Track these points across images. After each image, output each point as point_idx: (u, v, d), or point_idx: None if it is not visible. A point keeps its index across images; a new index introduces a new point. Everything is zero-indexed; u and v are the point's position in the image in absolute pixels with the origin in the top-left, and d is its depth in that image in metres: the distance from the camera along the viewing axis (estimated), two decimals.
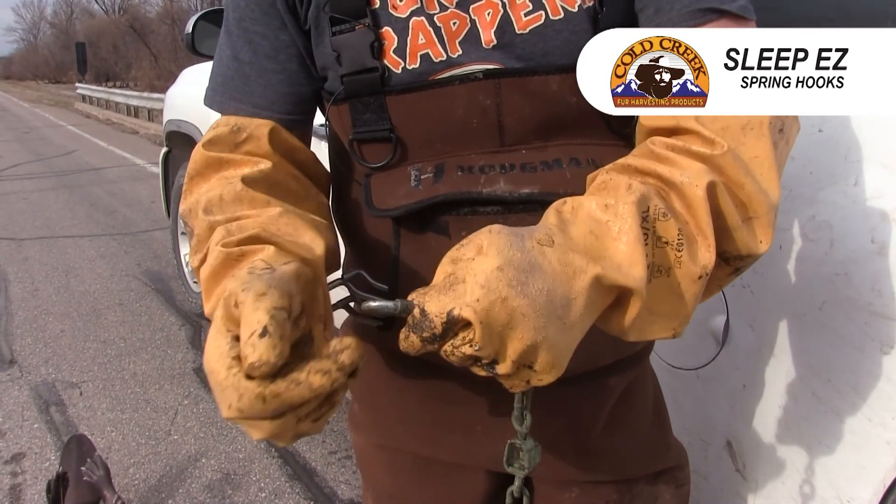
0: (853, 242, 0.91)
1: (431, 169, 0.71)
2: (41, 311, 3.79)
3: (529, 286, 0.50)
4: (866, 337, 0.88)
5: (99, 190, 7.57)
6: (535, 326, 0.51)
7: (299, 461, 2.35)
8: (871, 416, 0.88)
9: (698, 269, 0.57)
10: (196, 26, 2.50)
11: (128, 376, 2.99)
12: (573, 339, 0.54)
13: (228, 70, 0.76)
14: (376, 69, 0.70)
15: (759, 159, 0.60)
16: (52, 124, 17.30)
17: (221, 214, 0.67)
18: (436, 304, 0.51)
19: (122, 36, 40.91)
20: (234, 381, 0.49)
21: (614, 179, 0.58)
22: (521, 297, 0.50)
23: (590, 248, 0.55)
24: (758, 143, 0.60)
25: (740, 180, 0.59)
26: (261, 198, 0.69)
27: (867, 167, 0.93)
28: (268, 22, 0.74)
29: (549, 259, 0.53)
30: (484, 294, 0.50)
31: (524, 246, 0.52)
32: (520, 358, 0.52)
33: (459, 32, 0.69)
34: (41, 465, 2.32)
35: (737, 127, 0.60)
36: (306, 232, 0.66)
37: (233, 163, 0.72)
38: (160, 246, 5.08)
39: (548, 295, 0.51)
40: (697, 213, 0.57)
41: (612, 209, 0.55)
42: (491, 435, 0.82)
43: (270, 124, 0.74)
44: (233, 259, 0.61)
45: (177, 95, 3.63)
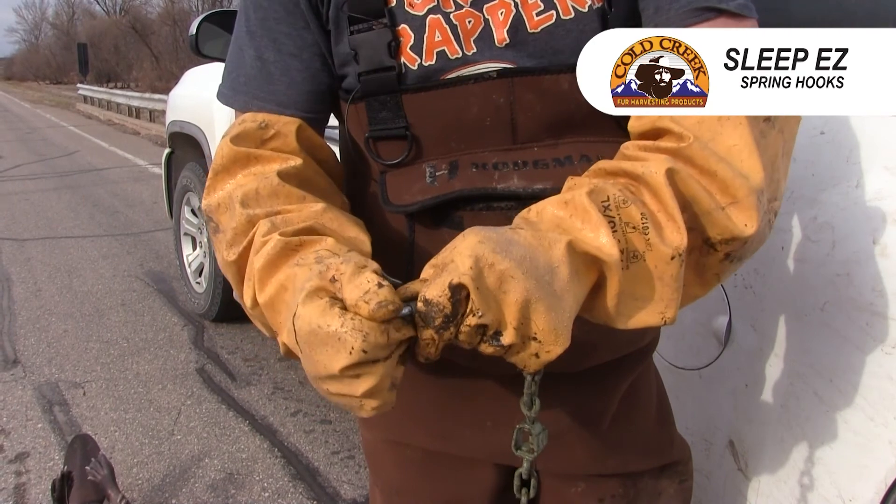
0: (855, 243, 0.91)
1: (446, 166, 0.72)
2: (44, 311, 3.79)
3: (512, 252, 0.54)
4: (868, 337, 0.89)
5: (101, 190, 7.58)
6: (526, 287, 0.54)
7: (302, 461, 2.35)
8: (873, 415, 0.89)
9: (670, 249, 0.58)
10: (200, 28, 2.50)
11: (131, 376, 3.00)
12: (568, 306, 0.57)
13: (251, 69, 0.77)
14: (393, 68, 0.71)
15: (737, 147, 0.61)
16: (53, 125, 17.31)
17: (260, 208, 0.69)
18: (435, 288, 0.54)
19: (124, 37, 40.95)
20: (354, 323, 0.53)
21: (578, 182, 0.62)
22: (507, 261, 0.54)
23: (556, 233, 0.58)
24: (735, 131, 0.61)
25: (711, 168, 0.60)
26: (296, 193, 0.70)
27: (869, 169, 0.93)
28: (292, 21, 0.75)
29: (522, 236, 0.57)
30: (473, 261, 0.53)
31: (498, 230, 0.56)
32: (519, 322, 0.55)
33: (474, 31, 0.70)
34: (45, 464, 2.33)
35: (713, 119, 0.61)
36: (351, 227, 0.69)
37: (261, 158, 0.73)
38: (162, 246, 5.09)
39: (531, 261, 0.55)
40: (662, 198, 0.59)
41: (570, 204, 0.59)
42: (500, 429, 0.83)
43: (297, 121, 0.75)
44: (291, 248, 0.63)
45: (179, 97, 3.64)
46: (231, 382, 2.95)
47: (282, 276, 0.62)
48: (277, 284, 0.62)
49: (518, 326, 0.55)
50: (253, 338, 3.37)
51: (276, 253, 0.63)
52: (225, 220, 0.70)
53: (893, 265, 0.87)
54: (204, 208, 0.74)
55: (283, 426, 2.59)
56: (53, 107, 25.60)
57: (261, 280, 0.64)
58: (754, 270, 1.05)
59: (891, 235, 0.88)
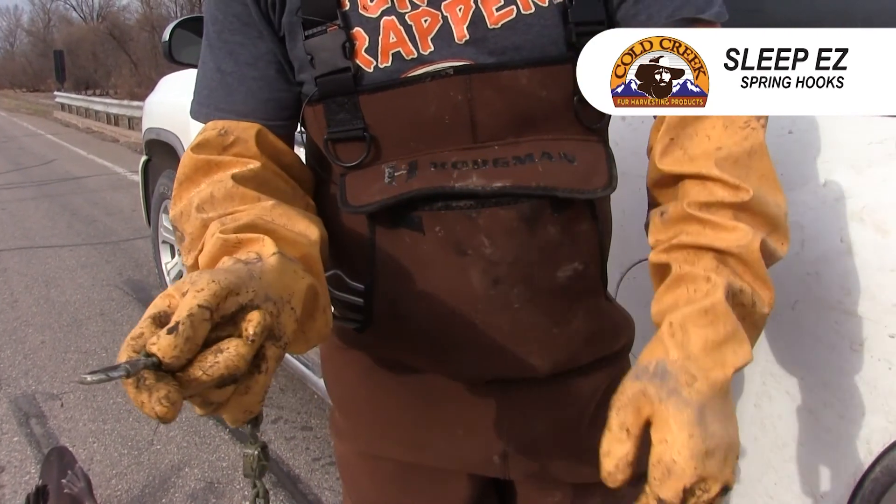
0: (824, 243, 0.92)
1: (405, 166, 0.72)
2: (21, 322, 3.75)
3: (708, 425, 0.58)
4: (837, 335, 0.90)
5: (79, 199, 7.50)
6: (730, 444, 0.59)
7: (283, 468, 2.34)
8: (842, 412, 0.89)
9: (767, 308, 0.67)
10: (173, 34, 2.48)
11: (109, 387, 2.95)
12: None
13: (212, 82, 0.78)
14: (349, 69, 0.71)
15: (766, 177, 0.68)
16: (30, 133, 17.12)
17: (214, 211, 0.68)
18: (670, 491, 0.57)
19: (102, 43, 40.62)
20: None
21: (691, 272, 0.66)
22: (710, 440, 0.57)
23: (712, 355, 0.61)
24: (761, 162, 0.68)
25: (768, 213, 0.68)
26: (251, 194, 0.70)
27: (836, 168, 0.94)
28: (246, 32, 0.75)
29: (710, 394, 0.60)
30: (696, 463, 0.56)
31: (687, 401, 0.58)
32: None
33: (431, 29, 0.70)
34: (21, 478, 2.29)
35: (744, 156, 0.67)
36: (300, 221, 0.68)
37: (222, 165, 0.73)
38: (141, 255, 5.04)
39: (721, 420, 0.59)
40: (758, 271, 0.66)
41: (710, 313, 0.62)
42: (471, 437, 0.83)
43: (257, 127, 0.75)
44: (230, 246, 0.62)
45: (156, 103, 3.61)
46: None
47: None
48: None
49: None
50: None
51: (217, 250, 0.62)
52: (187, 228, 0.70)
53: (860, 263, 0.88)
54: (171, 219, 0.74)
55: (264, 433, 2.57)
56: (30, 115, 25.32)
57: None
58: None
59: (857, 234, 0.89)
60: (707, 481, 0.57)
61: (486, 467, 0.85)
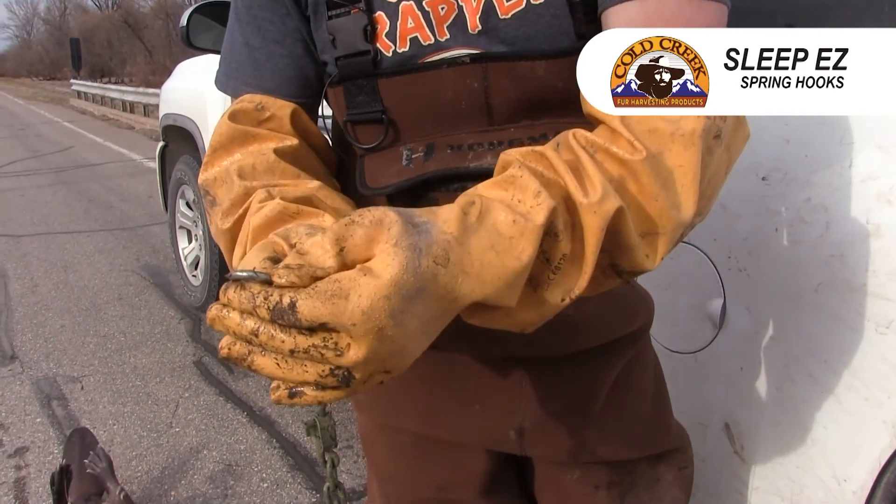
0: (848, 224, 0.91)
1: (422, 148, 0.73)
2: (41, 306, 3.79)
3: (409, 314, 0.49)
4: (862, 318, 0.89)
5: (96, 186, 7.56)
6: (401, 348, 0.51)
7: (300, 451, 2.36)
8: (867, 396, 0.89)
9: (563, 293, 0.57)
10: (191, 19, 2.49)
11: (128, 370, 3.00)
12: (429, 342, 0.55)
13: (240, 55, 0.79)
14: (368, 52, 0.72)
15: (682, 168, 0.58)
16: (47, 121, 17.26)
17: (257, 181, 0.70)
18: (309, 308, 0.47)
19: (117, 31, 40.80)
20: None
21: (524, 178, 0.56)
22: (396, 328, 0.49)
23: (483, 267, 0.53)
24: (685, 151, 0.58)
25: (654, 192, 0.57)
26: (291, 170, 0.72)
27: (862, 149, 0.93)
28: (274, 9, 0.77)
29: (437, 283, 0.51)
30: (363, 321, 0.47)
31: (419, 266, 0.49)
32: (376, 368, 0.51)
33: (447, 17, 0.70)
34: (44, 458, 2.33)
35: (666, 132, 0.58)
36: (344, 206, 0.70)
37: (259, 137, 0.74)
38: (158, 240, 5.08)
39: (422, 317, 0.51)
40: (587, 241, 0.56)
41: (518, 226, 0.53)
42: (488, 413, 0.83)
43: (292, 106, 0.77)
44: (289, 214, 0.64)
45: (172, 90, 3.63)
46: (228, 374, 2.96)
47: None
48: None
49: (373, 370, 0.52)
50: None
51: (275, 216, 0.64)
52: (222, 193, 0.72)
53: (887, 245, 0.87)
54: (201, 182, 0.75)
55: (281, 417, 2.59)
56: (47, 103, 25.51)
57: (254, 238, 0.65)
58: (748, 253, 1.05)
59: (884, 215, 0.88)
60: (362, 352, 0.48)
61: (502, 443, 0.85)
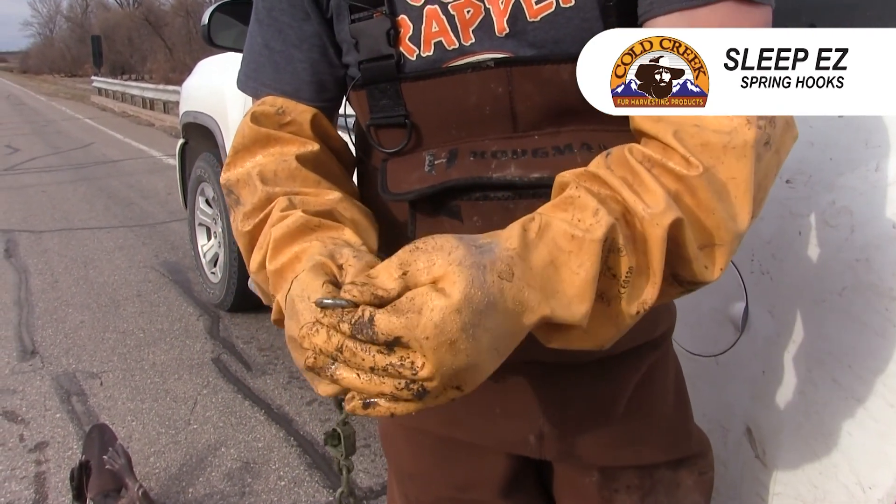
0: (874, 228, 0.90)
1: (445, 154, 0.73)
2: (61, 302, 3.83)
3: (480, 328, 0.51)
4: (887, 322, 0.88)
5: (116, 182, 7.63)
6: (473, 364, 0.52)
7: (318, 450, 2.37)
8: (893, 402, 0.88)
9: (637, 306, 0.58)
10: (212, 18, 2.50)
11: (147, 366, 3.02)
12: (500, 361, 0.56)
13: (260, 57, 0.80)
14: (392, 56, 0.72)
15: (735, 181, 0.58)
16: (68, 117, 17.43)
17: (279, 187, 0.72)
18: (385, 322, 0.50)
19: (137, 29, 41.11)
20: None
21: (582, 198, 0.57)
22: (469, 341, 0.51)
23: (546, 281, 0.55)
24: (738, 163, 0.58)
25: (711, 205, 0.58)
26: (312, 177, 0.74)
27: (888, 152, 0.92)
28: (293, 13, 0.77)
29: (505, 297, 0.53)
30: (435, 334, 0.50)
31: (485, 282, 0.52)
32: (449, 382, 0.53)
33: (473, 21, 0.70)
34: (64, 453, 2.35)
35: (718, 145, 0.58)
36: (362, 219, 0.72)
37: (281, 140, 0.76)
38: (177, 237, 5.12)
39: (494, 332, 0.53)
40: (651, 252, 0.57)
41: (577, 241, 0.55)
42: (510, 419, 0.83)
43: (312, 111, 0.77)
44: (310, 227, 0.66)
45: (193, 87, 3.65)
46: (247, 372, 2.97)
47: (297, 248, 0.65)
48: (292, 254, 0.65)
49: (447, 383, 0.54)
50: (268, 327, 3.39)
51: (297, 228, 0.66)
52: (245, 194, 0.73)
53: None
54: (223, 182, 0.76)
55: (299, 415, 2.60)
56: (68, 99, 25.78)
57: (275, 248, 0.66)
58: (772, 256, 1.04)
59: None
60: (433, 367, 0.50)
61: (522, 447, 0.85)
